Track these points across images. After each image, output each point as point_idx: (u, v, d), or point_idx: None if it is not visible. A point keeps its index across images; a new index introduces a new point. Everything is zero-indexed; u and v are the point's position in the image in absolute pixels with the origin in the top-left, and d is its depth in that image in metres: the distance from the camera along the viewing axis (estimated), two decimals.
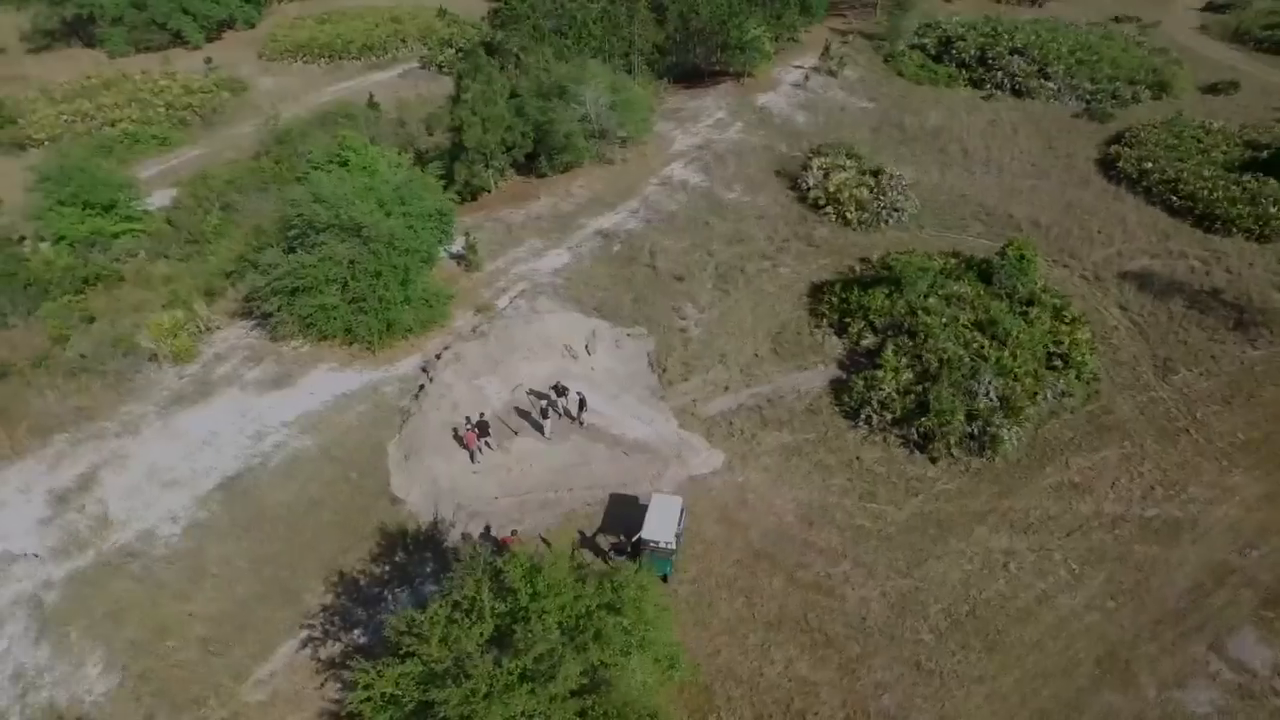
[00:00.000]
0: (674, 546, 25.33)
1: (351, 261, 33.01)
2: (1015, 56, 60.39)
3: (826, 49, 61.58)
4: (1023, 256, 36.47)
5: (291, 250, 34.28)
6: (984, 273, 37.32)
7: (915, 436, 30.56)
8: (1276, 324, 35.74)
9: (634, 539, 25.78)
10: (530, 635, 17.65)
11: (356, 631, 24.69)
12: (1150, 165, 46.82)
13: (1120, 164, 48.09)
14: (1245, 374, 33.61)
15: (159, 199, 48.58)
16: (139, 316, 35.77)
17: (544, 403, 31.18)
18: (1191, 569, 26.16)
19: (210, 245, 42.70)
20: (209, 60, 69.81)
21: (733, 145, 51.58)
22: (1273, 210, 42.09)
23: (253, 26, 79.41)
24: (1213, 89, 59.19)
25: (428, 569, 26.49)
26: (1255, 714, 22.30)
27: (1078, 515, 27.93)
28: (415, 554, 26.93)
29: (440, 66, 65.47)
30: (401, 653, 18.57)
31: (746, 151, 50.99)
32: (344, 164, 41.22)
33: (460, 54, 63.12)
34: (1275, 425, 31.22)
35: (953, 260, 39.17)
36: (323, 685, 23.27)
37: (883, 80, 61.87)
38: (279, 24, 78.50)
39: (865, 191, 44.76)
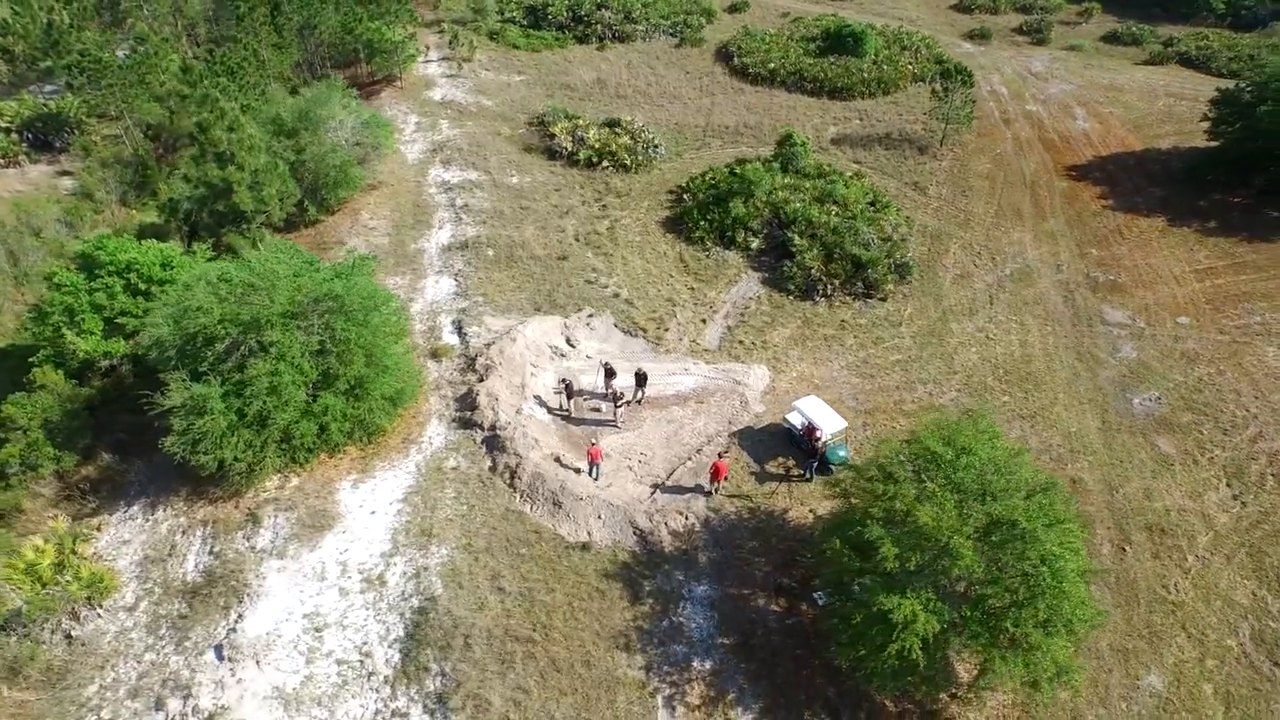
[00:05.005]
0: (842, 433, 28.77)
1: (333, 340, 26.45)
2: (603, 10, 68.76)
3: (455, 38, 61.97)
4: (803, 142, 45.45)
5: (214, 373, 25.76)
6: (783, 165, 45.35)
7: (862, 289, 37.65)
8: (931, 144, 50.87)
9: (815, 440, 28.25)
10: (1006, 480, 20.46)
11: (696, 662, 23.01)
12: (774, 66, 59.82)
13: (751, 71, 60.23)
14: (953, 177, 47.95)
15: None
16: None
17: (611, 391, 30.30)
18: (1053, 290, 38.57)
19: None
20: None
21: (464, 139, 50.41)
22: (866, 76, 58.18)
23: None
24: (733, 9, 75.75)
25: (680, 576, 25.25)
26: (1145, 339, 35.19)
27: (981, 291, 38.38)
28: (655, 574, 25.27)
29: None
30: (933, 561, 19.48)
31: (481, 141, 50.44)
32: (125, 270, 31.14)
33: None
34: (994, 199, 45.80)
35: (746, 164, 46.32)
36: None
37: (506, 55, 64.86)
38: None
39: (626, 139, 48.99)
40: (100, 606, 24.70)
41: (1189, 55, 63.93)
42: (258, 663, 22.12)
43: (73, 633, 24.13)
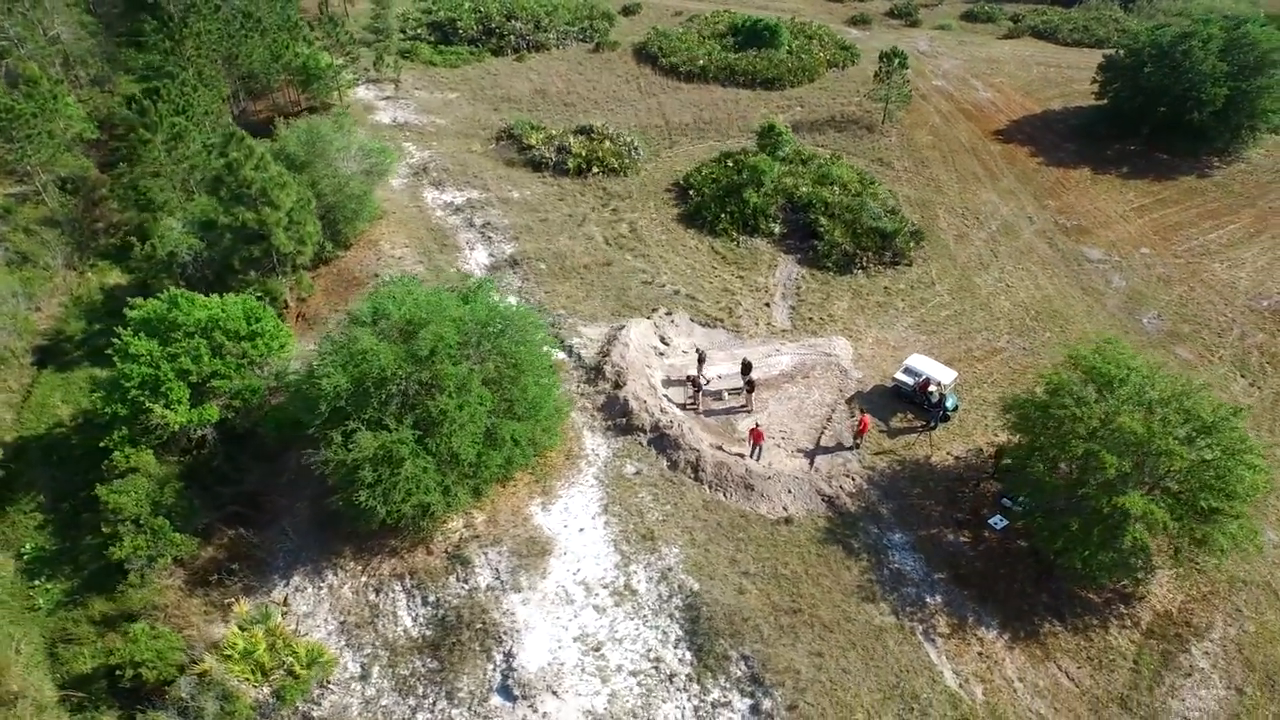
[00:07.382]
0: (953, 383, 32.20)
1: (507, 363, 26.05)
2: (513, 21, 68.52)
3: (379, 58, 59.52)
4: (784, 130, 48.62)
5: (385, 417, 24.71)
6: (770, 153, 48.20)
7: (890, 258, 41.31)
8: (874, 121, 55.67)
9: (928, 391, 31.35)
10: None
11: (928, 598, 25.31)
12: (703, 63, 62.59)
13: (682, 69, 62.65)
14: (906, 150, 52.98)
15: None
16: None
17: (746, 379, 31.85)
18: (1036, 239, 44.19)
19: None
20: None
21: (443, 160, 49.11)
22: (791, 67, 62.34)
23: None
24: (626, 11, 77.77)
25: (874, 529, 27.43)
26: (1125, 270, 41.46)
27: (983, 247, 43.27)
28: (855, 532, 27.31)
29: None
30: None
31: (462, 160, 49.39)
32: (207, 329, 28.80)
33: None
34: (950, 166, 51.26)
35: (734, 158, 48.73)
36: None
37: (428, 73, 63.18)
38: None
39: (609, 144, 49.93)
40: (329, 682, 23.18)
41: (1038, 28, 73.82)
42: (555, 693, 21.90)
43: (313, 713, 22.54)
